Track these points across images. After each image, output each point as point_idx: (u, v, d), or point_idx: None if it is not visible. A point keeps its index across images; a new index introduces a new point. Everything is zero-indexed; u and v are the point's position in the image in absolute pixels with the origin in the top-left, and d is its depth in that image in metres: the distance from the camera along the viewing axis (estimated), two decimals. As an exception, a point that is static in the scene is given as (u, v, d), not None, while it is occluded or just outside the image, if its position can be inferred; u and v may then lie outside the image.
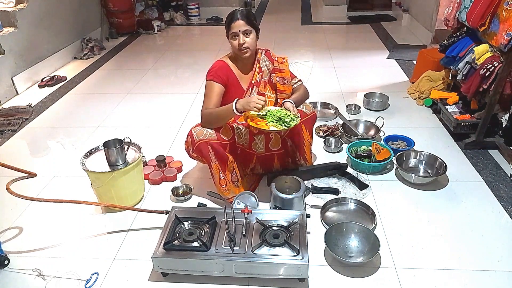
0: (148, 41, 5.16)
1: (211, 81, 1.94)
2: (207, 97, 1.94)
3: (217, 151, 1.90)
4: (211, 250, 1.57)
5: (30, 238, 1.90)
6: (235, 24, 1.86)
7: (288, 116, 1.84)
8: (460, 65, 2.52)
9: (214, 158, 1.91)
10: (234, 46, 1.91)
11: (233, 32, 1.88)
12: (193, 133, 1.91)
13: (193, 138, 1.90)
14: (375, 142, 2.36)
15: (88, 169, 1.89)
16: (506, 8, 2.11)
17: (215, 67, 1.97)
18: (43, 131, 2.93)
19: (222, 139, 1.92)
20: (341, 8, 6.12)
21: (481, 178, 2.20)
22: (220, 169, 1.94)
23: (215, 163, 1.93)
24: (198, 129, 1.91)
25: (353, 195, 2.07)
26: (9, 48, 3.42)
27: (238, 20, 1.86)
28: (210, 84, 1.94)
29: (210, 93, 1.93)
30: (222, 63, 1.98)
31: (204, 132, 1.90)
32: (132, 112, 3.16)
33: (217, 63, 1.99)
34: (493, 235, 1.81)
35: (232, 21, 1.87)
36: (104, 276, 1.66)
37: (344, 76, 3.71)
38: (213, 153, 1.90)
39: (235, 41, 1.89)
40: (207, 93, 1.94)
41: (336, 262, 1.67)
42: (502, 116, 2.30)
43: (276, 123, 1.82)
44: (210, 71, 1.96)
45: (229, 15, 1.91)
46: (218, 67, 1.96)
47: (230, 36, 1.91)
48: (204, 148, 1.88)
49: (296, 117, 1.87)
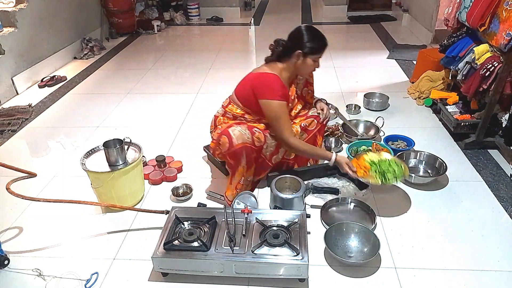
0: (148, 41, 5.16)
1: (283, 102, 1.85)
2: (285, 121, 1.88)
3: (249, 155, 1.87)
4: (211, 250, 1.56)
5: (30, 238, 1.89)
6: (324, 50, 1.87)
7: (390, 173, 1.83)
8: (460, 65, 2.52)
9: (244, 163, 1.89)
10: (310, 68, 1.90)
11: (319, 57, 1.87)
12: (231, 134, 1.82)
13: (231, 140, 1.81)
14: (375, 142, 2.36)
15: (88, 169, 1.89)
16: (506, 8, 2.11)
17: (278, 85, 1.85)
18: (43, 131, 2.93)
19: (254, 144, 1.87)
20: (341, 8, 6.12)
21: (481, 178, 2.20)
22: (243, 174, 1.93)
23: (242, 168, 1.91)
24: (237, 131, 1.83)
25: (353, 195, 2.07)
26: (9, 48, 3.42)
27: (327, 45, 1.88)
28: (282, 105, 1.85)
29: (285, 115, 1.88)
30: (280, 80, 1.87)
31: (243, 135, 1.83)
32: (132, 112, 3.16)
33: (276, 80, 1.86)
34: (493, 235, 1.81)
35: (324, 47, 1.86)
36: (104, 276, 1.66)
37: (344, 76, 3.71)
38: (245, 157, 1.87)
39: (313, 64, 1.88)
40: (283, 116, 1.86)
41: (336, 262, 1.67)
42: (502, 116, 2.30)
43: (376, 174, 1.84)
44: (276, 90, 1.84)
45: (322, 38, 1.86)
46: (281, 85, 1.86)
47: (313, 58, 1.86)
48: (240, 151, 1.84)
49: (400, 176, 1.85)
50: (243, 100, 1.97)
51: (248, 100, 1.94)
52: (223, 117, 2.05)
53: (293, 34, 1.90)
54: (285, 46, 1.90)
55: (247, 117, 1.99)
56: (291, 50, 1.87)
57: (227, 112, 2.03)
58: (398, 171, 1.85)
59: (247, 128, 1.88)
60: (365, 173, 1.88)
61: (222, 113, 2.06)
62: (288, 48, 1.89)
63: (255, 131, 1.89)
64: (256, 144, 1.89)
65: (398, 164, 1.88)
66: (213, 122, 2.11)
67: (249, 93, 1.91)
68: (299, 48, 1.85)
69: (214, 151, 1.97)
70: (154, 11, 5.73)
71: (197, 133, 2.76)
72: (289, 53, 1.88)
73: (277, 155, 2.05)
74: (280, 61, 1.93)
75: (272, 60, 1.95)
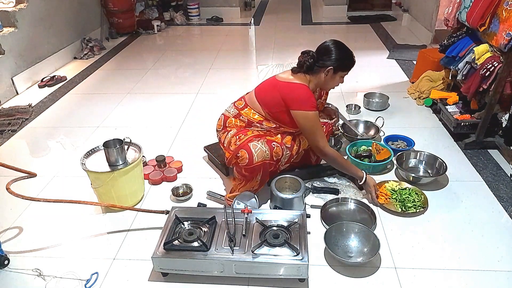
0: (148, 41, 5.16)
1: (317, 112, 1.87)
2: (321, 131, 1.90)
3: (266, 170, 1.89)
4: (211, 250, 1.56)
5: (30, 238, 1.89)
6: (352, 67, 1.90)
7: (410, 202, 1.96)
8: (460, 65, 2.52)
9: (259, 177, 1.91)
10: (336, 83, 1.94)
11: (346, 74, 1.90)
12: (252, 151, 1.80)
13: (252, 157, 1.80)
14: (375, 142, 2.36)
15: (88, 169, 1.89)
16: (506, 8, 2.11)
17: (312, 96, 1.87)
18: (43, 131, 2.93)
19: (272, 159, 1.87)
20: (341, 8, 6.12)
21: (481, 178, 2.20)
22: (255, 185, 1.95)
23: (256, 181, 1.93)
24: (259, 148, 1.82)
25: (353, 195, 2.07)
26: (9, 48, 3.42)
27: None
28: (317, 115, 1.87)
29: (320, 125, 1.91)
30: (310, 91, 1.89)
31: (264, 152, 1.82)
32: (132, 112, 3.16)
33: (308, 91, 1.87)
34: (493, 235, 1.81)
35: (354, 64, 1.89)
36: (104, 276, 1.66)
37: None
38: (262, 172, 1.88)
39: (339, 80, 1.91)
40: (317, 126, 1.87)
41: (336, 262, 1.67)
42: (502, 116, 2.30)
43: (396, 202, 1.98)
44: (311, 101, 1.85)
45: (352, 55, 1.89)
46: (313, 97, 1.89)
47: (340, 75, 1.89)
48: (259, 168, 1.85)
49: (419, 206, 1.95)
50: (268, 107, 1.92)
51: (275, 108, 1.90)
52: (235, 119, 2.00)
53: (323, 48, 1.89)
54: (316, 59, 1.89)
55: (265, 124, 1.94)
56: (320, 65, 1.88)
57: (242, 115, 1.97)
58: (418, 200, 1.97)
59: (266, 142, 1.86)
60: (386, 201, 1.99)
61: (235, 115, 2.00)
62: (318, 62, 1.88)
63: (273, 146, 1.88)
64: (274, 158, 1.89)
65: (419, 194, 2.01)
66: (222, 121, 2.05)
67: (278, 102, 1.88)
68: (330, 64, 1.85)
69: (229, 161, 1.93)
70: (154, 11, 5.73)
71: (197, 133, 2.76)
72: (318, 67, 1.88)
73: (288, 164, 2.06)
74: (308, 73, 1.91)
75: (300, 72, 1.92)
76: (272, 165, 1.91)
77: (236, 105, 2.03)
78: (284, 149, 1.94)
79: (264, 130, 1.96)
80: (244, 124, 1.98)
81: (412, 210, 1.93)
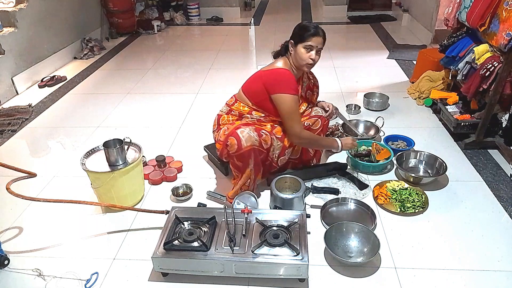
0: (148, 41, 5.16)
1: (296, 96, 1.89)
2: (298, 115, 1.93)
3: (256, 157, 1.89)
4: (211, 250, 1.56)
5: (30, 238, 1.89)
6: (316, 38, 1.86)
7: (410, 202, 1.97)
8: (460, 65, 2.52)
9: (252, 165, 1.90)
10: (303, 58, 1.88)
11: (309, 45, 1.86)
12: (240, 136, 1.81)
13: (240, 142, 1.81)
14: (375, 142, 2.36)
15: (88, 169, 1.89)
16: (506, 8, 2.11)
17: (291, 79, 1.89)
18: (43, 131, 2.93)
19: (261, 146, 1.88)
20: (341, 8, 6.12)
21: (481, 178, 2.20)
22: (250, 176, 1.94)
23: (250, 170, 1.91)
24: (246, 133, 1.82)
25: (353, 195, 2.07)
26: (9, 48, 3.42)
27: (319, 37, 1.87)
28: (295, 99, 1.89)
29: (298, 109, 1.94)
30: (292, 75, 1.91)
31: (252, 137, 1.82)
32: (132, 112, 3.16)
33: (289, 75, 1.90)
34: (493, 235, 1.81)
35: (314, 35, 1.85)
36: (104, 276, 1.66)
37: (344, 76, 3.71)
38: (253, 159, 1.87)
39: (307, 54, 1.87)
40: (295, 109, 1.89)
41: (336, 262, 1.67)
42: (502, 116, 2.30)
43: (396, 202, 1.99)
44: (290, 84, 1.88)
45: (309, 27, 1.87)
46: (293, 79, 1.91)
47: (303, 46, 1.86)
48: (249, 154, 1.84)
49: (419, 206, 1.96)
50: (253, 96, 1.97)
51: (259, 96, 1.95)
52: (227, 115, 2.04)
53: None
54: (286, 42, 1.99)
55: (254, 114, 1.99)
56: (286, 44, 1.97)
57: (233, 110, 2.03)
58: (418, 201, 1.97)
59: (254, 129, 1.88)
60: (386, 201, 2.00)
61: (227, 111, 2.06)
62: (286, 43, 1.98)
63: (262, 133, 1.90)
64: (264, 146, 1.90)
65: (420, 194, 2.01)
66: (216, 121, 2.09)
67: (261, 89, 1.93)
68: (290, 40, 1.94)
69: (221, 153, 1.95)
70: (154, 11, 5.73)
71: (197, 133, 2.76)
72: (287, 47, 1.97)
73: (283, 157, 2.05)
74: (285, 56, 1.99)
75: (278, 55, 2.02)
76: (263, 153, 1.91)
77: (227, 102, 2.10)
78: (274, 139, 1.96)
79: (254, 120, 1.99)
80: (236, 118, 2.02)
81: (411, 210, 1.93)
